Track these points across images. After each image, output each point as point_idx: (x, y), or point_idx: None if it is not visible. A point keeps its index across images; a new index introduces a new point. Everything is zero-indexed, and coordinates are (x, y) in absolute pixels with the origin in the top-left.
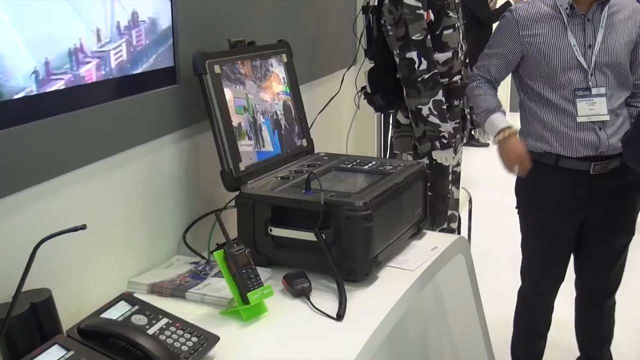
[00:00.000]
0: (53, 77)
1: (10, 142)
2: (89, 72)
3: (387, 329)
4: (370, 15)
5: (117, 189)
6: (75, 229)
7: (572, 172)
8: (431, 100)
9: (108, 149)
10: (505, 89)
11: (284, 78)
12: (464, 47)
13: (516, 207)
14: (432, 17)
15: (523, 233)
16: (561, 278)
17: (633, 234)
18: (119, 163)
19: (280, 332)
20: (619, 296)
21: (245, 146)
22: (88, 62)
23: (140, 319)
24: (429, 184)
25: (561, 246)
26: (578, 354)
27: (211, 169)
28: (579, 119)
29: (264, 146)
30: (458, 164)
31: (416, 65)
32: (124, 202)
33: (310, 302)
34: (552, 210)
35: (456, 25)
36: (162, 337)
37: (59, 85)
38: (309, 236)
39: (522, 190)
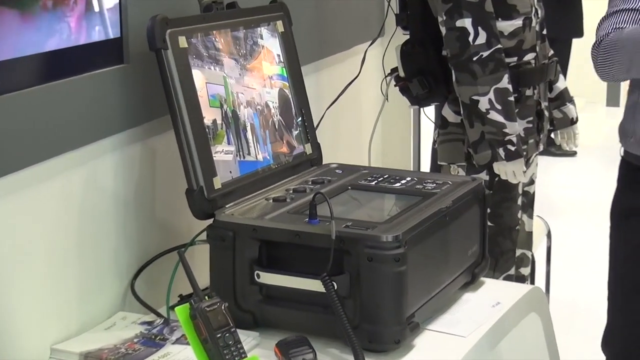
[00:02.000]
0: None
1: None
2: None
3: None
4: None
5: (33, 216)
6: None
7: None
8: (492, 89)
9: (20, 159)
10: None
11: (279, 56)
12: (539, 12)
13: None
14: None
15: (611, 280)
16: None
17: None
18: (36, 178)
19: None
20: None
21: (223, 154)
22: None
23: None
24: (489, 211)
25: None
26: None
27: (173, 186)
28: None
29: (249, 153)
30: (531, 182)
31: (470, 38)
32: (44, 235)
33: None
34: None
35: None
36: None
37: None
38: (314, 285)
39: (617, 214)
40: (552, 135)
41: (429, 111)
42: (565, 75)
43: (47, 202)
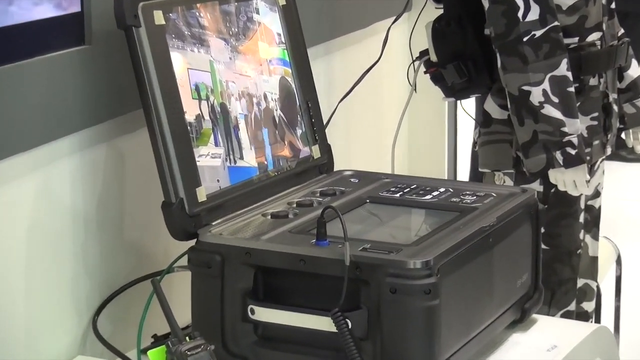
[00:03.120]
0: None
1: None
2: None
3: None
4: None
5: None
6: None
7: None
8: (547, 77)
9: None
10: None
11: (279, 35)
12: None
13: None
14: None
15: None
16: None
17: None
18: None
19: None
20: None
21: (209, 158)
22: None
23: None
24: (543, 231)
25: None
26: None
27: (146, 198)
28: None
29: (241, 157)
30: (597, 195)
31: (520, 14)
32: None
33: None
34: None
35: None
36: None
37: None
38: (323, 324)
39: None
40: (623, 136)
41: (468, 105)
42: (639, 60)
43: None
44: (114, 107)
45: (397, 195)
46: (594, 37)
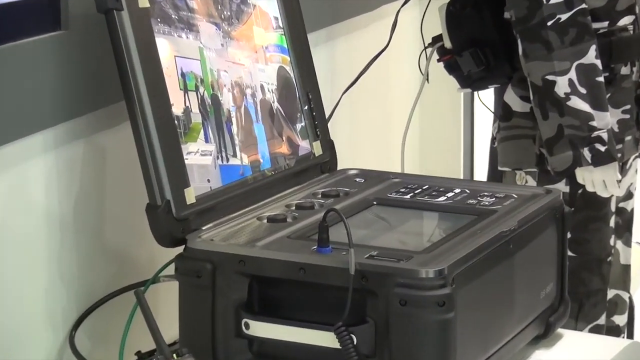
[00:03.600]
0: None
1: None
2: None
3: None
4: None
5: None
6: None
7: None
8: (574, 66)
9: None
10: None
11: (277, 19)
12: None
13: None
14: None
15: None
16: None
17: None
18: None
19: None
20: None
21: (198, 155)
22: None
23: None
24: (570, 236)
25: None
26: None
27: (128, 200)
28: None
29: (234, 155)
30: (629, 196)
31: None
32: None
33: None
34: None
35: None
36: None
37: None
38: (325, 339)
39: None
40: None
41: (486, 97)
42: None
43: None
44: (93, 99)
45: (408, 196)
46: (625, 21)
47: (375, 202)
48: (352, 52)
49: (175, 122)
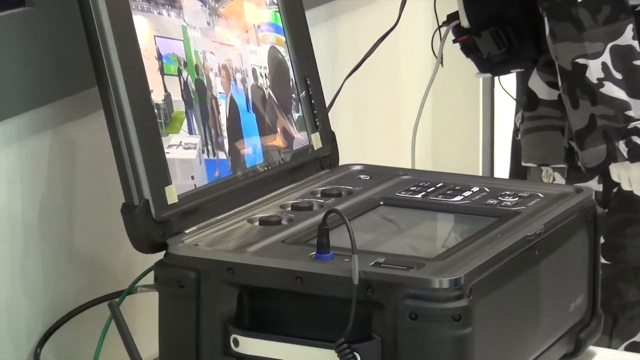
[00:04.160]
0: None
1: None
2: None
3: None
4: None
5: None
6: None
7: None
8: (608, 48)
9: None
10: None
11: None
12: None
13: None
14: None
15: None
16: None
17: None
18: None
19: None
20: None
21: (181, 148)
22: None
23: None
24: (603, 241)
25: None
26: None
27: (101, 200)
28: None
29: (222, 148)
30: None
31: None
32: None
33: None
34: None
35: None
36: None
37: None
38: (326, 358)
39: None
40: None
41: (508, 83)
42: None
43: None
44: (62, 86)
45: (419, 196)
46: None
47: (382, 202)
48: (356, 32)
49: (155, 110)
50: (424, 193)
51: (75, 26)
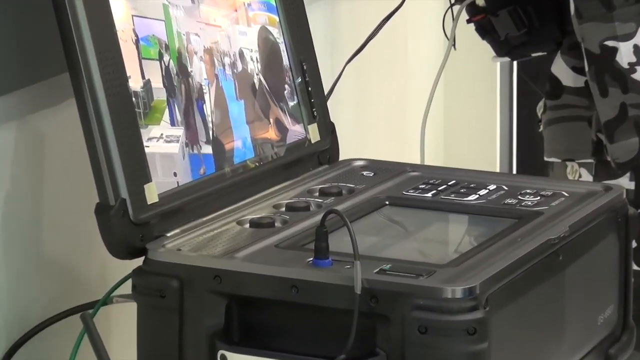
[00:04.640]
0: None
1: None
2: None
3: None
4: None
5: None
6: None
7: None
8: None
9: None
10: None
11: None
12: None
13: None
14: None
15: None
16: None
17: None
18: None
19: None
20: None
21: (162, 142)
22: None
23: None
24: (635, 245)
25: None
26: None
27: (74, 200)
28: None
29: (208, 142)
30: None
31: None
32: None
33: None
34: None
35: None
36: None
37: None
38: None
39: None
40: None
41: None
42: None
43: None
44: (28, 72)
45: (429, 195)
46: None
47: (387, 202)
48: (359, 11)
49: (133, 99)
50: (434, 192)
51: (44, 5)
